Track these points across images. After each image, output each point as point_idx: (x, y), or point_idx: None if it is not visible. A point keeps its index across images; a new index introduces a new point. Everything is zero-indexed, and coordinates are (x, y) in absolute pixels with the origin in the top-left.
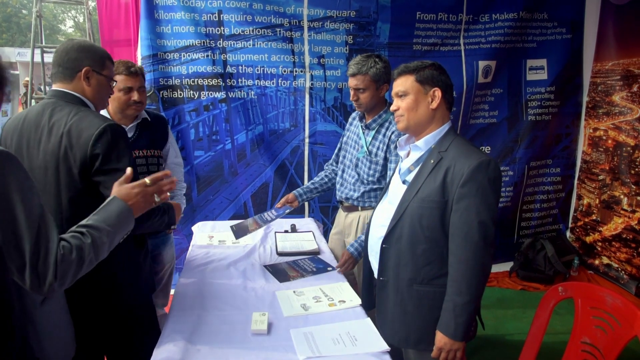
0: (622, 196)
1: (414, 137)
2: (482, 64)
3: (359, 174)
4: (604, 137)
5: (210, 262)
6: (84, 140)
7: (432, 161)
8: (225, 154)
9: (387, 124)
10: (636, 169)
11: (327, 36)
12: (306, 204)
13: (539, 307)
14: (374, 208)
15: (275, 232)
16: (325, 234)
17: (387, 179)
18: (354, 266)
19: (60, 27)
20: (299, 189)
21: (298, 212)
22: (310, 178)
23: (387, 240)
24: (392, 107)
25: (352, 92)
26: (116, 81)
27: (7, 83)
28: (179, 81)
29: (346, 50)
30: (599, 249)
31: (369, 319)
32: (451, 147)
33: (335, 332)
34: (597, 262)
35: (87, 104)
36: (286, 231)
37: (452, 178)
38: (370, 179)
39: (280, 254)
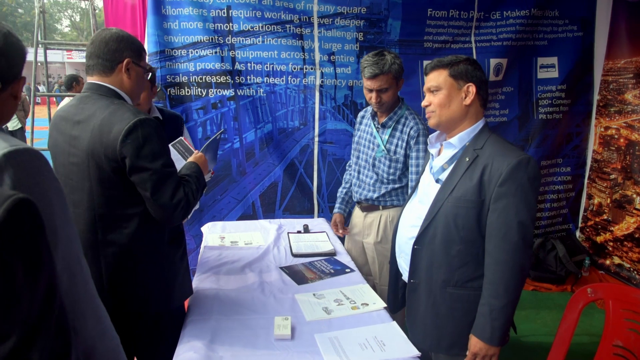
0: (634, 195)
1: (444, 134)
2: (493, 61)
3: (377, 174)
4: (616, 136)
5: (224, 264)
6: (113, 136)
7: (467, 159)
8: (233, 152)
9: (403, 120)
10: None
11: (337, 33)
12: (315, 204)
13: (567, 308)
14: (395, 206)
15: (289, 233)
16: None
17: (411, 177)
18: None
19: (56, 27)
20: (340, 206)
21: (308, 213)
22: (319, 177)
23: (419, 241)
24: (424, 103)
25: (373, 94)
26: (154, 71)
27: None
28: (187, 78)
29: (356, 47)
30: (610, 248)
31: (395, 322)
32: (487, 144)
33: (362, 337)
34: (608, 262)
35: (122, 97)
36: (299, 232)
37: (489, 177)
38: (390, 177)
39: (296, 255)
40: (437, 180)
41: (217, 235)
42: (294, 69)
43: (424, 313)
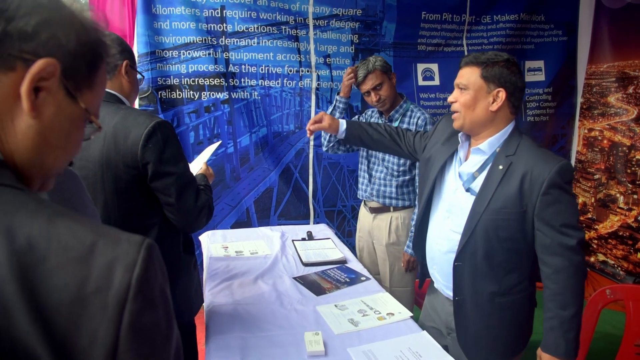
0: (618, 195)
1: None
2: None
3: (387, 167)
4: (600, 138)
5: (235, 276)
6: (132, 141)
7: (500, 167)
8: (227, 157)
9: (409, 113)
10: (632, 168)
11: (332, 35)
12: (311, 208)
13: (586, 310)
14: (406, 208)
15: (293, 240)
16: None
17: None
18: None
19: None
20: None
21: (303, 218)
22: (315, 182)
23: (460, 257)
24: (450, 99)
25: (372, 95)
26: (144, 77)
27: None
28: (178, 81)
29: (352, 49)
30: (595, 246)
31: (425, 332)
32: (520, 150)
33: (396, 349)
34: (592, 259)
35: (124, 102)
36: (303, 239)
37: (530, 185)
38: (401, 169)
39: (307, 264)
40: (469, 190)
41: (219, 245)
42: (290, 71)
43: (475, 327)
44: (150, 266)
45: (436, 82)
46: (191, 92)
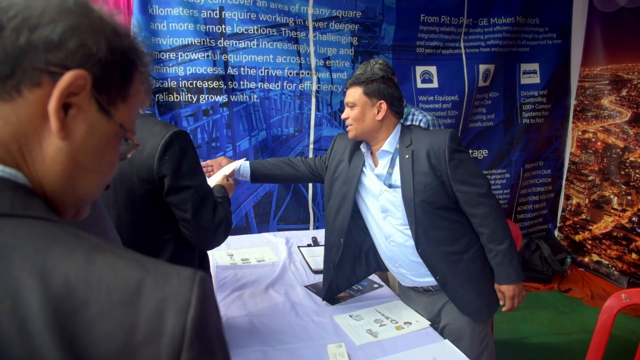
0: (612, 196)
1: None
2: (482, 67)
3: None
4: (593, 139)
5: (244, 286)
6: (148, 153)
7: (407, 156)
8: None
9: (410, 117)
10: (626, 170)
11: (332, 37)
12: (311, 213)
13: (601, 315)
14: None
15: (299, 247)
16: None
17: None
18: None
19: None
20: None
21: (302, 222)
22: (314, 186)
23: (418, 244)
24: (343, 116)
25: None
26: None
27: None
28: (176, 83)
29: (351, 52)
30: (589, 246)
31: (447, 340)
32: (414, 138)
33: (422, 359)
34: (586, 259)
35: None
36: (309, 245)
37: (436, 158)
38: None
39: (316, 272)
40: (391, 185)
41: (224, 253)
42: (290, 73)
43: (463, 290)
44: (206, 306)
45: (435, 84)
46: (189, 95)
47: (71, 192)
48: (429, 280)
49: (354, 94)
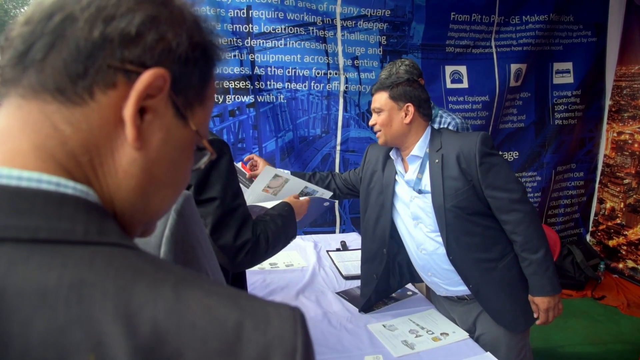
0: None
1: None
2: (513, 67)
3: None
4: (630, 141)
5: (274, 291)
6: None
7: (436, 161)
8: None
9: (438, 119)
10: None
11: (360, 36)
12: (337, 216)
13: None
14: None
15: (328, 251)
16: None
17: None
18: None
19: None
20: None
21: (329, 225)
22: None
23: (450, 250)
24: (370, 122)
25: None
26: None
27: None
28: None
29: (380, 51)
30: (624, 252)
31: (489, 353)
32: (444, 142)
33: None
34: (621, 265)
35: None
36: (338, 249)
37: (467, 162)
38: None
39: (347, 278)
40: (420, 191)
41: None
42: (318, 73)
43: (499, 301)
44: (311, 350)
45: (465, 84)
46: (216, 96)
47: (143, 209)
48: (462, 289)
49: (380, 99)
